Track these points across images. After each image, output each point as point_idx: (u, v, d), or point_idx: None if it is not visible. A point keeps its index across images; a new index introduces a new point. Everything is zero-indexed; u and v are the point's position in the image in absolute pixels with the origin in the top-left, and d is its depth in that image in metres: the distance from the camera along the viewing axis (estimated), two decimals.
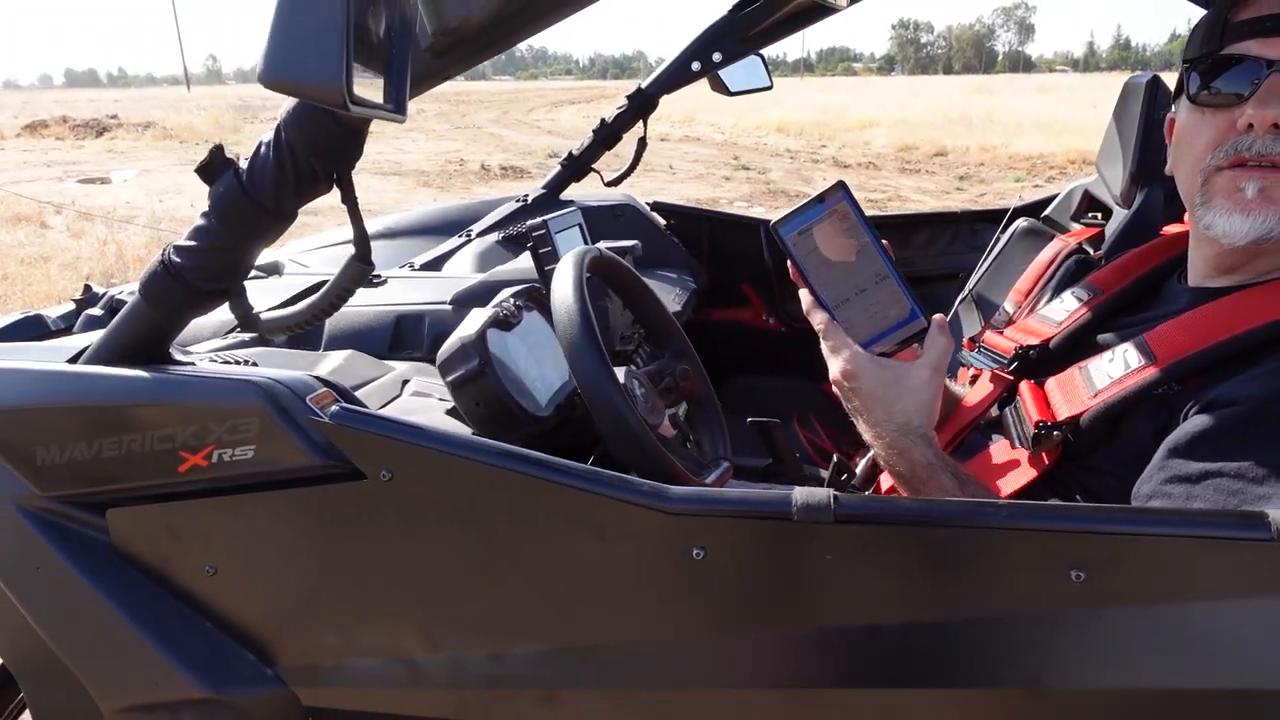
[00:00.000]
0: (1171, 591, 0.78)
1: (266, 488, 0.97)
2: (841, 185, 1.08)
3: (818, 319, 1.10)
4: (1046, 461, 1.12)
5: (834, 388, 1.11)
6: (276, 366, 1.29)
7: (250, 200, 0.94)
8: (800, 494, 0.85)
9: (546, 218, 1.57)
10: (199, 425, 0.97)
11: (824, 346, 1.11)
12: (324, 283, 1.08)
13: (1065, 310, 1.29)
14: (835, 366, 1.09)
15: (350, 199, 0.97)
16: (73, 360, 1.08)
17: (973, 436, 1.33)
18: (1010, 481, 1.15)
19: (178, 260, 0.99)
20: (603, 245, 1.81)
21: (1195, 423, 0.96)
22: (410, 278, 2.00)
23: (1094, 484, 1.09)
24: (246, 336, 1.61)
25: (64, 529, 1.05)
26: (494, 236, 2.41)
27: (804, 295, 1.11)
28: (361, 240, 0.98)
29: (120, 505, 1.04)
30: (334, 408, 0.96)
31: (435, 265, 2.24)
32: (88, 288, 1.62)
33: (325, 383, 1.02)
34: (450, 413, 1.36)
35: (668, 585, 0.90)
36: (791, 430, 2.36)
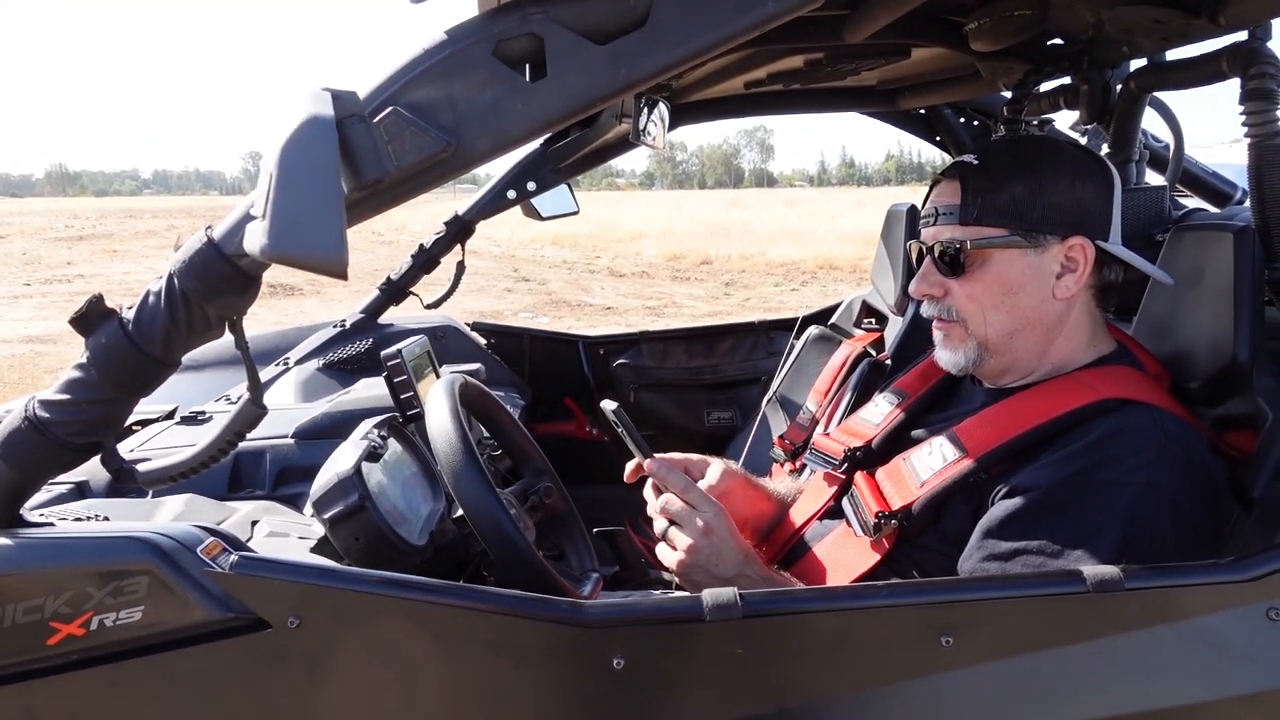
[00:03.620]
0: (1019, 644, 0.93)
1: (154, 650, 0.92)
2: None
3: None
4: (886, 545, 1.28)
5: (690, 555, 1.24)
6: (114, 518, 1.21)
7: (138, 350, 0.92)
8: (709, 595, 0.93)
9: (400, 347, 1.59)
10: (74, 591, 0.91)
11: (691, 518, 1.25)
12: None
13: (880, 414, 1.49)
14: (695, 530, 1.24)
15: (242, 344, 0.97)
16: None
17: (812, 528, 1.48)
18: (857, 564, 1.30)
19: (45, 415, 0.94)
20: (446, 370, 1.85)
21: (1001, 508, 1.17)
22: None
23: (925, 561, 1.26)
24: (64, 489, 1.49)
25: None
26: (314, 364, 2.36)
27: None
28: (254, 384, 0.98)
29: None
30: (232, 557, 0.94)
31: None
32: None
33: (213, 532, 0.98)
34: (317, 550, 1.32)
35: (591, 698, 0.94)
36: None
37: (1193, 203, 2.33)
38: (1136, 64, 1.76)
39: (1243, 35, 1.43)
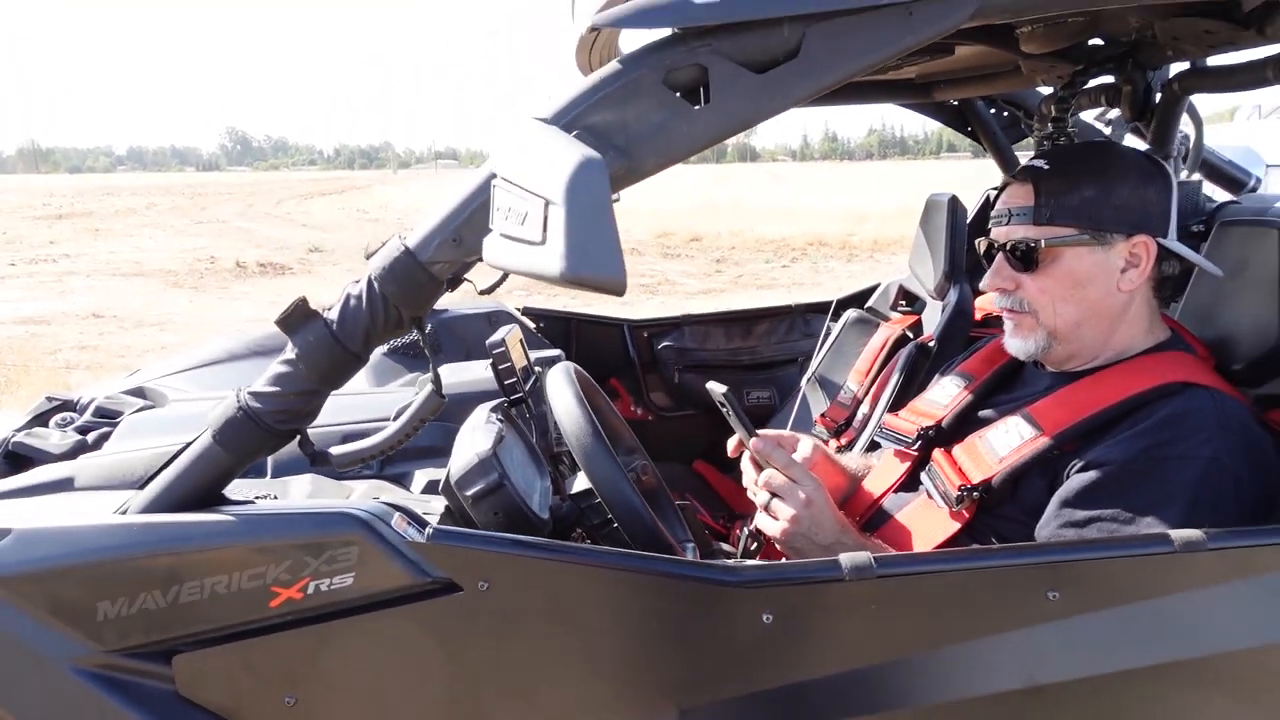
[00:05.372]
0: (1115, 598, 1.08)
1: (364, 611, 1.04)
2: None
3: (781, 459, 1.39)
4: (966, 515, 1.42)
5: (793, 525, 1.35)
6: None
7: (342, 347, 1.03)
8: (846, 559, 1.06)
9: (501, 335, 1.70)
10: (293, 560, 1.03)
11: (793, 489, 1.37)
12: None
13: (948, 395, 1.62)
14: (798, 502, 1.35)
15: (425, 338, 1.08)
16: (124, 508, 1.08)
17: (889, 499, 1.62)
18: (938, 532, 1.44)
19: (256, 405, 1.05)
20: (533, 355, 1.97)
21: (1078, 480, 1.30)
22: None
23: (1002, 529, 1.40)
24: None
25: (125, 683, 1.05)
26: (380, 350, 2.46)
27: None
28: (436, 376, 1.09)
29: (187, 650, 1.05)
30: (428, 529, 1.06)
31: None
32: (51, 398, 1.54)
33: (397, 508, 1.10)
34: (443, 523, 1.44)
35: (744, 648, 1.07)
36: None
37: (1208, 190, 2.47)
38: (1178, 66, 1.89)
39: None
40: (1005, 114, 2.70)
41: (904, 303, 2.69)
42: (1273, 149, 5.75)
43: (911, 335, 2.44)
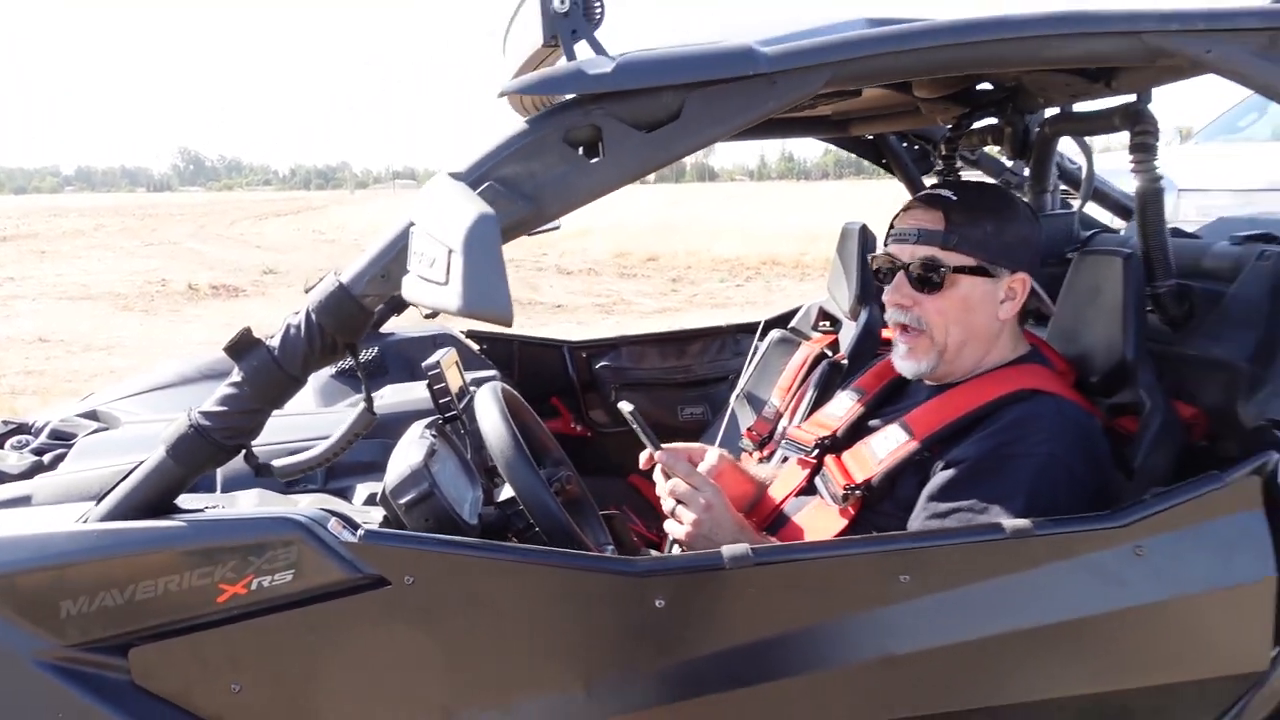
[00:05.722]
0: (957, 579, 1.26)
1: (303, 605, 1.18)
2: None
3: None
4: (852, 512, 1.59)
5: (695, 528, 1.49)
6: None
7: (283, 371, 1.18)
8: (727, 550, 1.23)
9: (437, 358, 1.85)
10: (239, 559, 1.16)
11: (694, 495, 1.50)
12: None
13: (843, 408, 1.80)
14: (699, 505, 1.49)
15: (357, 361, 1.23)
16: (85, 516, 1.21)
17: (790, 502, 1.79)
18: (828, 528, 1.61)
19: (206, 423, 1.19)
20: (468, 375, 2.11)
21: (940, 478, 1.49)
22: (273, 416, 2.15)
23: (884, 524, 1.57)
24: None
25: (85, 675, 1.17)
26: (328, 371, 2.59)
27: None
28: (369, 394, 1.24)
29: (142, 643, 1.18)
30: (360, 530, 1.20)
31: None
32: (8, 421, 1.65)
33: (333, 513, 1.25)
34: None
35: (639, 629, 1.23)
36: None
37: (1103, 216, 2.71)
38: (1051, 111, 2.10)
39: (1133, 97, 1.78)
40: (916, 147, 2.93)
41: (826, 323, 2.88)
42: (1186, 174, 6.08)
43: (830, 353, 2.63)
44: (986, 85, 2.18)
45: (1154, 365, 1.63)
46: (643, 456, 1.64)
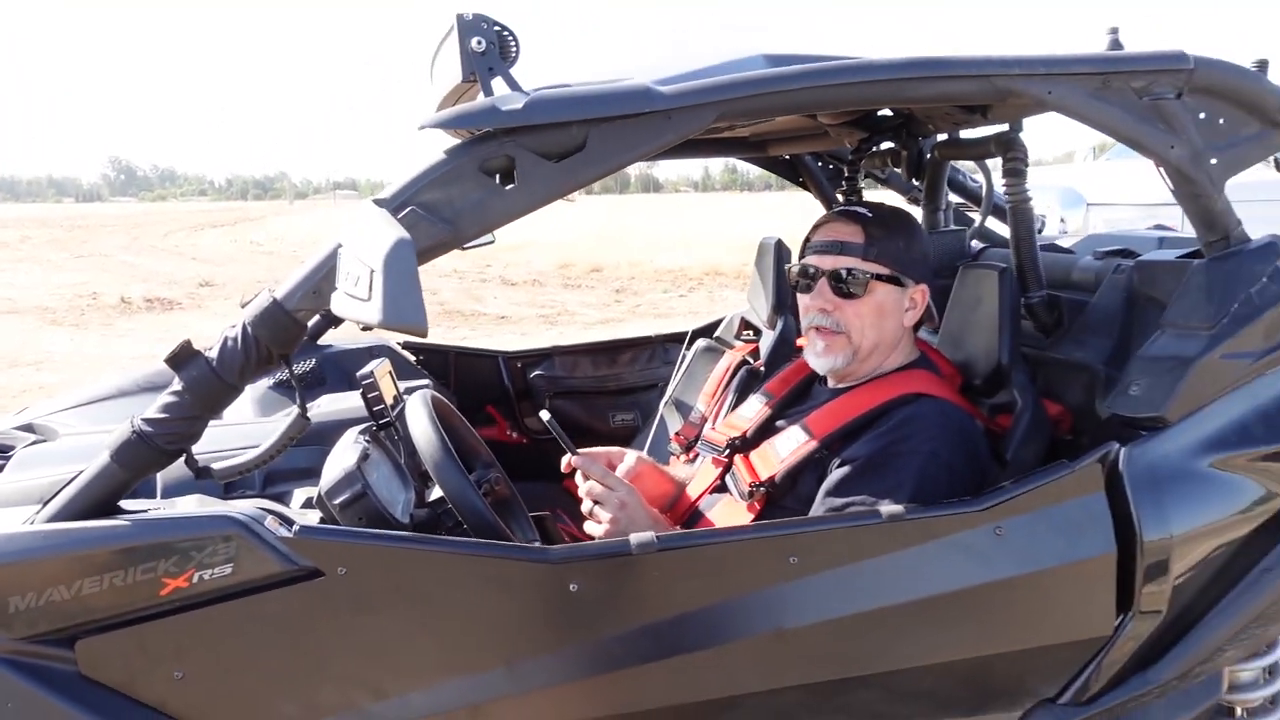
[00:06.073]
0: (840, 559, 1.41)
1: (241, 595, 1.28)
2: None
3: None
4: (758, 508, 1.74)
5: (612, 525, 1.61)
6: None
7: (221, 380, 1.28)
8: (634, 538, 1.36)
9: (371, 368, 1.95)
10: (180, 555, 1.26)
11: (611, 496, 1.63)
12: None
13: (753, 411, 1.95)
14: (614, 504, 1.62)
15: (291, 370, 1.34)
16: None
17: (704, 499, 1.93)
18: (737, 523, 1.75)
19: (148, 429, 1.28)
20: (403, 385, 2.21)
21: (836, 474, 1.64)
22: (213, 426, 2.22)
23: (785, 518, 1.72)
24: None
25: (32, 666, 1.25)
26: (266, 383, 2.66)
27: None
28: (303, 401, 1.34)
29: (88, 635, 1.27)
30: (295, 525, 1.30)
31: None
32: None
33: (270, 511, 1.35)
34: None
35: (556, 610, 1.35)
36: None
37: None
38: (942, 137, 2.29)
39: (1005, 126, 1.97)
40: (830, 166, 3.11)
41: (749, 332, 3.05)
42: (1096, 188, 6.44)
43: (751, 360, 2.79)
44: (886, 112, 2.37)
45: (1027, 368, 1.81)
46: (563, 461, 1.76)
